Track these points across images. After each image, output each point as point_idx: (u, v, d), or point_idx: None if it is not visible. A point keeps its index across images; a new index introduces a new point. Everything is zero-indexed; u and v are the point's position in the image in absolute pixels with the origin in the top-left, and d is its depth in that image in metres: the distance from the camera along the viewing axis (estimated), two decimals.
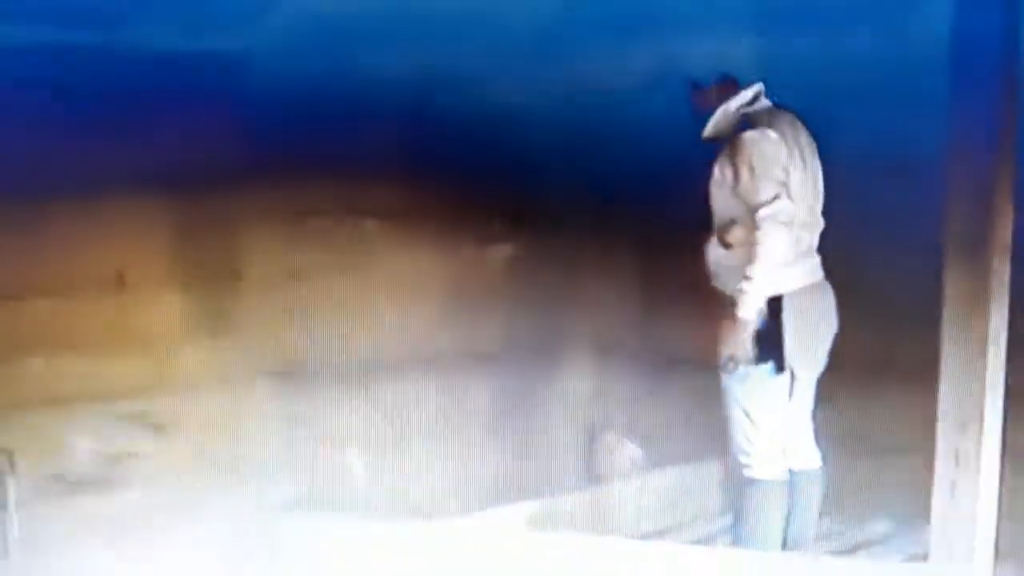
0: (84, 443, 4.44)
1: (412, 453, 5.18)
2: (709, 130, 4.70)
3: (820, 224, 4.77)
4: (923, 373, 4.08)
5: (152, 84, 4.43)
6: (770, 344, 4.56)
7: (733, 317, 4.54)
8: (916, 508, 4.22)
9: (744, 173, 4.55)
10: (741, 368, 4.58)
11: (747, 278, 4.48)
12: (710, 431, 4.89)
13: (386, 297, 5.13)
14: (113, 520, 4.34)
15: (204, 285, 4.67)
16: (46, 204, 4.30)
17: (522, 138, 5.49)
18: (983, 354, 3.89)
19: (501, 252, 5.72)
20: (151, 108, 4.44)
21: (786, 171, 4.56)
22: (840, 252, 4.81)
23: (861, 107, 5.22)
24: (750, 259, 4.50)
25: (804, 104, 4.85)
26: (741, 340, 4.53)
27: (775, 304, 4.54)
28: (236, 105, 4.67)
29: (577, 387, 5.80)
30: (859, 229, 5.01)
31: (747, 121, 4.65)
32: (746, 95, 4.70)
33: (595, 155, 5.57)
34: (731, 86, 4.72)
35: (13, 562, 4.20)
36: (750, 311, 4.50)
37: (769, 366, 4.58)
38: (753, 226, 4.50)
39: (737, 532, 4.79)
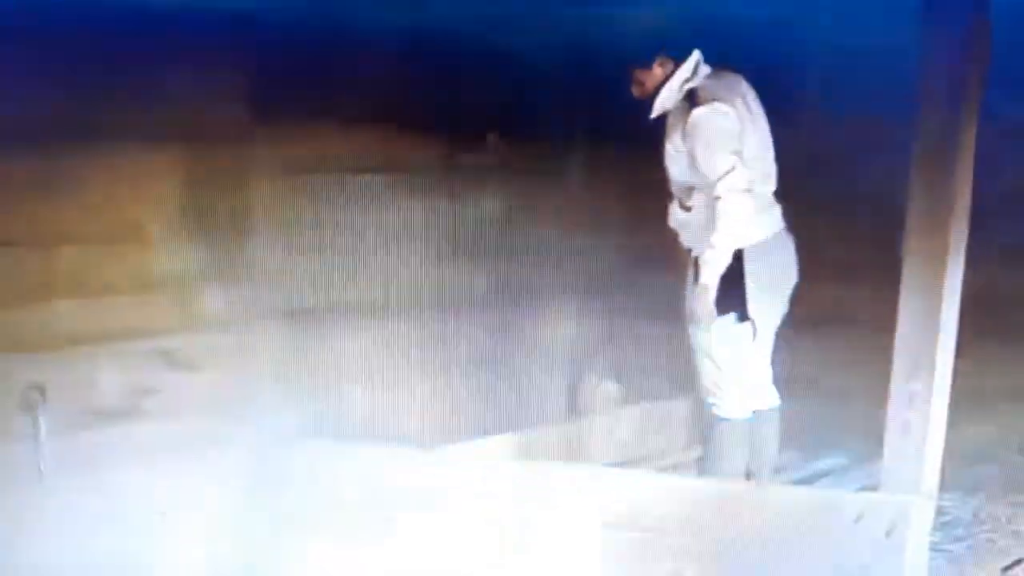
0: (111, 378, 4.53)
1: (408, 388, 5.29)
2: (656, 110, 4.76)
3: (775, 173, 4.86)
4: (880, 320, 4.23)
5: (167, 41, 4.49)
6: (732, 295, 4.70)
7: (696, 279, 4.70)
8: (869, 445, 4.43)
9: (699, 150, 4.62)
10: (704, 323, 4.74)
11: (710, 246, 4.60)
12: (680, 372, 5.12)
13: (385, 245, 5.23)
14: (138, 450, 4.49)
15: (219, 233, 4.73)
16: (70, 159, 4.38)
17: (514, 86, 5.65)
18: (938, 302, 4.03)
19: (492, 203, 5.80)
20: (165, 65, 4.51)
21: (739, 139, 4.63)
22: (803, 202, 4.91)
23: (831, 61, 5.42)
24: (712, 225, 4.59)
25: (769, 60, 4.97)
26: (704, 302, 4.68)
27: (737, 256, 4.66)
28: (247, 62, 4.76)
29: (561, 329, 5.91)
30: (822, 179, 5.18)
31: (693, 95, 4.70)
32: (687, 68, 4.74)
33: (584, 102, 5.63)
34: (668, 63, 4.77)
35: (46, 488, 4.30)
36: (713, 277, 4.63)
37: (732, 316, 4.74)
38: (711, 192, 4.59)
39: (704, 464, 4.99)
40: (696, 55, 4.78)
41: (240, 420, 4.73)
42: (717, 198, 4.58)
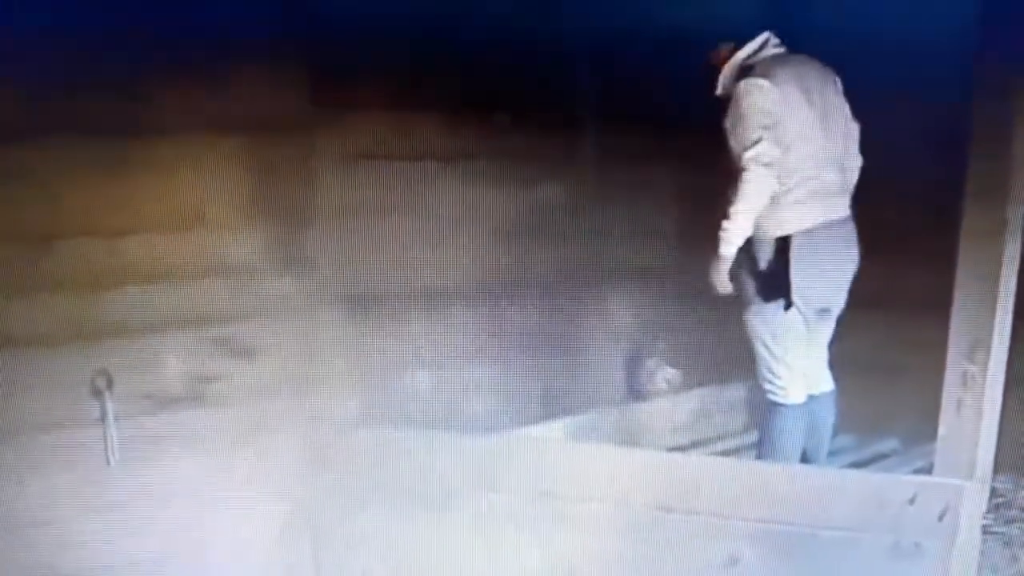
0: (174, 364, 4.58)
1: (469, 372, 5.35)
2: (719, 88, 4.78)
3: (846, 162, 4.86)
4: (937, 302, 4.20)
5: (228, 29, 4.51)
6: (778, 282, 4.70)
7: (746, 251, 4.70)
8: (924, 427, 4.41)
9: (732, 121, 4.65)
10: (754, 305, 4.76)
11: (727, 216, 4.62)
12: (738, 357, 5.10)
13: (445, 231, 5.26)
14: (200, 434, 4.58)
15: (279, 221, 4.78)
16: (135, 149, 4.43)
17: (572, 81, 5.70)
18: (995, 285, 4.02)
19: (552, 190, 5.80)
20: (227, 53, 4.54)
21: (772, 115, 4.62)
22: (859, 185, 4.92)
23: (887, 48, 5.40)
24: (733, 201, 4.61)
25: (823, 47, 4.92)
26: (719, 273, 4.68)
27: (783, 243, 4.69)
28: (306, 50, 4.78)
29: (619, 313, 5.95)
30: (878, 162, 5.04)
31: (745, 71, 4.72)
32: (751, 46, 4.78)
33: (642, 96, 5.65)
34: (731, 44, 4.79)
35: (113, 469, 4.39)
36: (728, 247, 4.64)
37: (779, 303, 4.73)
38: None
39: (761, 450, 4.99)
40: (763, 36, 4.81)
41: (300, 406, 4.80)
42: (742, 169, 4.60)
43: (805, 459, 4.97)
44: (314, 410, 4.83)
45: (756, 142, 4.59)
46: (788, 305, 4.75)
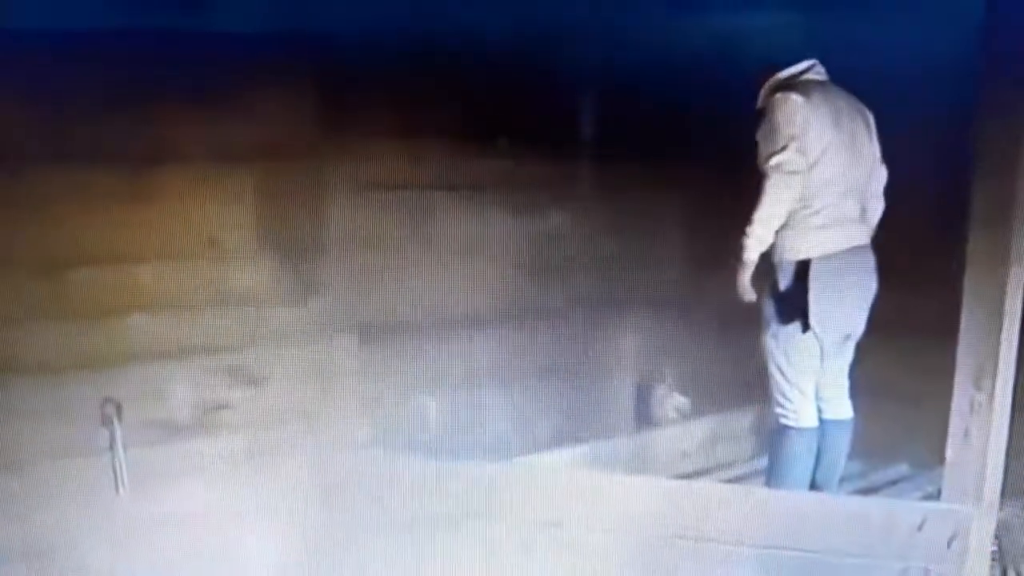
0: (184, 393, 4.59)
1: (478, 400, 5.34)
2: (760, 101, 4.81)
3: (867, 200, 4.89)
4: (944, 330, 4.21)
5: (237, 63, 4.53)
6: (796, 306, 4.70)
7: (767, 273, 4.71)
8: (931, 453, 4.43)
9: (761, 131, 4.68)
10: (772, 327, 4.79)
11: (749, 222, 4.63)
12: (746, 383, 5.11)
13: (454, 260, 5.25)
14: (210, 462, 4.58)
15: (289, 250, 4.78)
16: (145, 177, 4.44)
17: (581, 107, 5.70)
18: (1000, 313, 4.06)
19: (563, 217, 5.80)
20: (240, 83, 4.56)
21: (800, 127, 4.63)
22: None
23: (890, 70, 5.42)
24: (754, 209, 4.62)
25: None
26: (742, 281, 4.67)
27: (803, 268, 4.70)
28: (318, 79, 4.79)
29: (629, 341, 5.95)
30: (888, 189, 5.04)
31: (781, 88, 4.75)
32: (796, 68, 4.81)
33: (649, 122, 5.63)
34: (776, 68, 4.82)
35: (123, 498, 4.39)
36: (750, 254, 4.64)
37: (796, 326, 4.74)
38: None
39: (770, 475, 4.96)
40: (809, 62, 4.86)
41: (309, 434, 4.82)
42: (765, 177, 4.63)
43: (816, 485, 4.96)
44: (323, 438, 4.84)
45: (781, 149, 4.62)
46: (805, 328, 4.75)
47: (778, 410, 4.93)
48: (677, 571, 4.34)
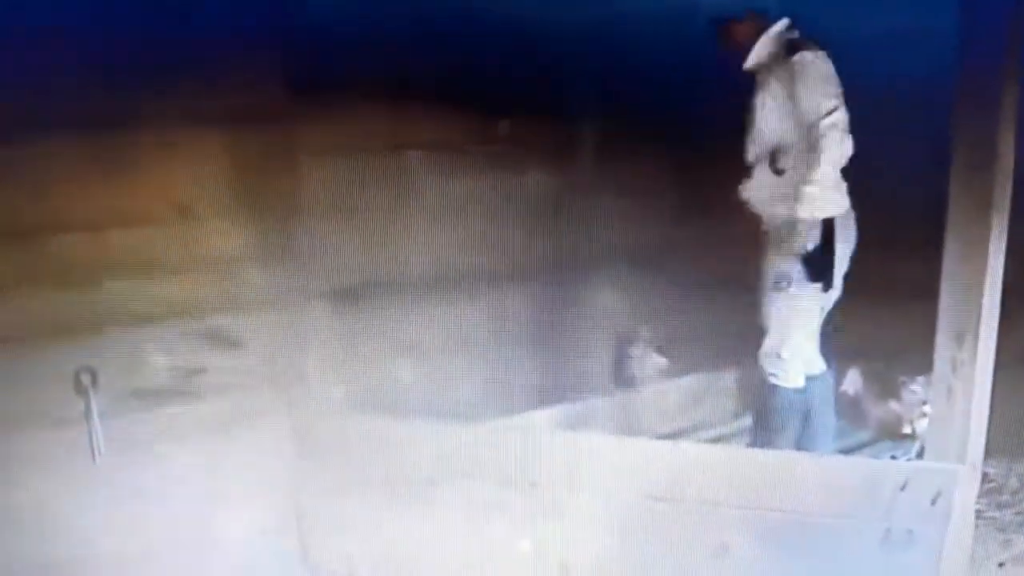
0: (160, 359, 4.55)
1: (456, 363, 5.31)
2: (752, 60, 4.82)
3: None
4: (926, 288, 4.22)
5: (210, 24, 4.47)
6: (820, 264, 4.76)
7: (789, 232, 4.74)
8: None
9: (806, 90, 4.68)
10: (793, 286, 4.79)
11: (809, 182, 4.65)
12: (727, 343, 5.17)
13: (430, 222, 5.21)
14: (187, 427, 4.55)
15: (264, 214, 4.73)
16: (117, 142, 4.37)
17: (558, 62, 5.52)
18: (981, 270, 4.06)
19: (542, 178, 5.73)
20: (209, 48, 4.48)
21: (838, 84, 4.70)
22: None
23: (869, 31, 5.38)
24: (810, 169, 4.65)
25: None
26: (800, 244, 4.73)
27: (828, 226, 4.74)
28: (289, 42, 4.72)
29: (608, 301, 5.87)
30: (866, 149, 5.01)
31: (793, 46, 4.77)
32: (782, 23, 4.82)
33: (630, 74, 5.57)
34: (763, 17, 4.83)
35: (99, 467, 4.37)
36: (813, 211, 4.70)
37: (819, 285, 4.79)
38: (813, 137, 4.65)
39: (757, 432, 5.00)
40: (786, 20, 4.87)
41: (287, 398, 4.78)
42: (820, 137, 4.64)
43: (805, 444, 4.98)
44: (301, 401, 4.80)
45: (834, 109, 4.65)
46: (828, 286, 4.81)
47: (770, 368, 4.93)
48: (656, 532, 4.33)
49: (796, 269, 4.79)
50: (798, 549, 4.13)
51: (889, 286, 5.32)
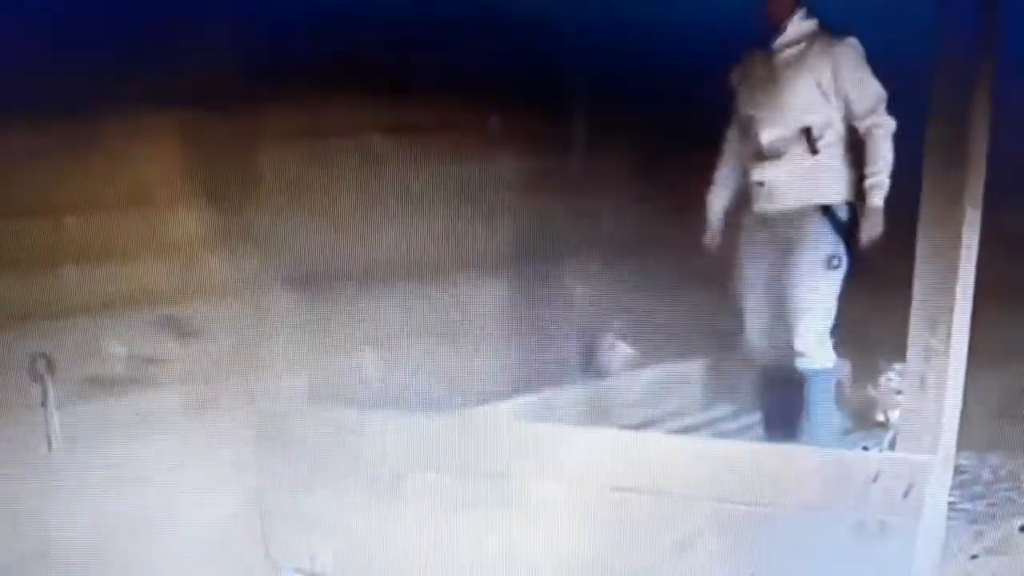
0: (117, 347, 4.51)
1: (422, 351, 5.31)
2: (789, 37, 4.83)
3: None
4: (900, 276, 4.19)
5: (166, 6, 4.45)
6: (852, 243, 4.78)
7: (871, 212, 4.74)
8: None
9: (857, 76, 4.72)
10: (843, 266, 4.81)
11: (877, 172, 4.69)
12: (696, 334, 5.16)
13: (395, 208, 5.20)
14: (144, 417, 4.50)
15: (225, 200, 4.71)
16: (76, 127, 4.31)
17: (525, 46, 5.54)
18: (955, 256, 4.04)
19: (509, 164, 5.75)
20: (169, 31, 4.46)
21: None
22: None
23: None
24: (874, 155, 4.70)
25: None
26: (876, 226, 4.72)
27: (853, 208, 4.78)
28: (250, 27, 4.69)
29: (576, 292, 5.93)
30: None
31: (823, 31, 4.80)
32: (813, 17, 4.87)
33: (597, 62, 5.64)
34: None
35: (55, 456, 4.33)
36: (883, 198, 4.72)
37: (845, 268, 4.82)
38: (862, 122, 4.72)
39: (811, 421, 4.96)
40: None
41: (246, 387, 4.76)
42: (877, 125, 4.71)
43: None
44: (261, 390, 4.79)
45: (884, 98, 4.74)
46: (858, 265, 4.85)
47: (812, 353, 4.89)
48: (625, 523, 4.28)
49: (843, 248, 4.80)
50: (769, 541, 4.09)
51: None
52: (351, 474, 4.65)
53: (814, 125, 4.78)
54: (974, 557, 4.53)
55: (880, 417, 5.16)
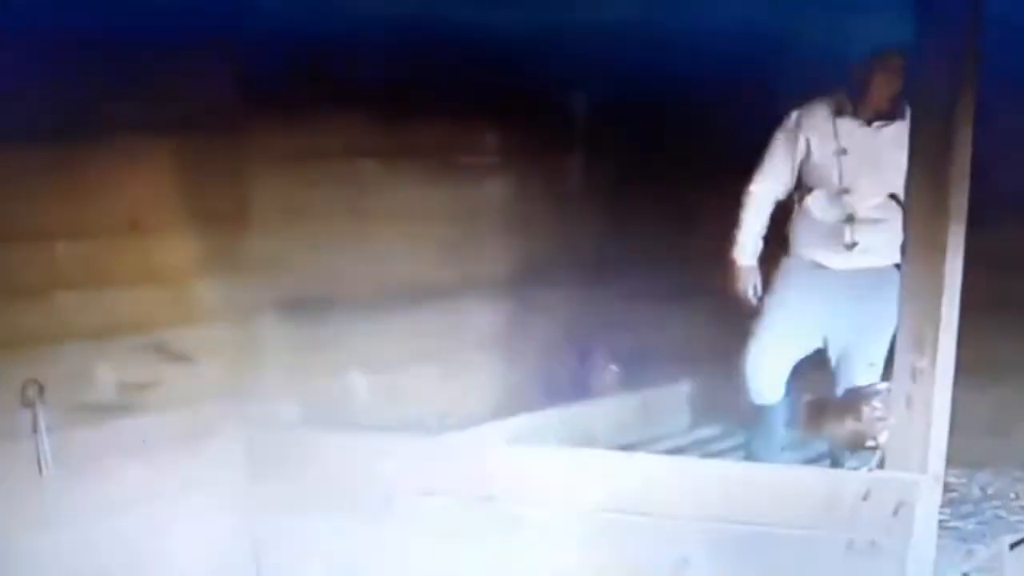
0: (108, 373, 4.48)
1: (411, 374, 5.32)
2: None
3: None
4: None
5: (157, 30, 4.42)
6: None
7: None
8: None
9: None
10: None
11: None
12: (683, 355, 5.18)
13: (386, 232, 5.21)
14: (136, 443, 4.47)
15: (215, 225, 4.70)
16: (67, 152, 4.32)
17: (517, 68, 5.57)
18: (940, 275, 4.02)
19: (498, 187, 5.77)
20: (158, 55, 4.46)
21: None
22: None
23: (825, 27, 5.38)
24: None
25: None
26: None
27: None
28: (238, 50, 4.71)
29: (564, 313, 5.93)
30: None
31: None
32: None
33: (592, 83, 5.70)
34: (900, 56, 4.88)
35: (46, 482, 4.29)
36: None
37: None
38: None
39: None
40: None
41: (238, 412, 4.73)
42: None
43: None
44: (252, 415, 4.76)
45: None
46: None
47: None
48: (615, 545, 4.28)
49: None
50: (759, 562, 4.09)
51: None
52: (343, 497, 4.64)
53: (900, 190, 4.72)
54: (965, 575, 4.55)
55: (870, 443, 5.17)
